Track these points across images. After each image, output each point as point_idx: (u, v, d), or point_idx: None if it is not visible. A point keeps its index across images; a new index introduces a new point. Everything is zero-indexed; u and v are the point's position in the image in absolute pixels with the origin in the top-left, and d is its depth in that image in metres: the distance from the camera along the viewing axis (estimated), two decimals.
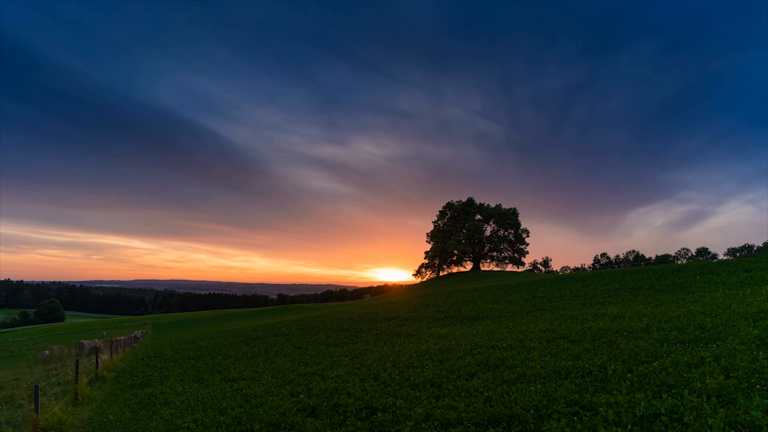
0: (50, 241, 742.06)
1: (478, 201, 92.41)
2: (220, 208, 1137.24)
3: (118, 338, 29.44)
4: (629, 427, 4.71)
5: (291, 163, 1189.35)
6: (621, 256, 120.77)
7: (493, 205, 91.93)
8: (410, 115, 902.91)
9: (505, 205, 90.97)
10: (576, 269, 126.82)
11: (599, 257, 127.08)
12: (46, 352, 30.38)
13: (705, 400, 5.02)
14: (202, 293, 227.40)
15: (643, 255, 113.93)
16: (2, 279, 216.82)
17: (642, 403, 5.17)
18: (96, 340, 46.92)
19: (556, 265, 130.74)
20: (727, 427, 4.27)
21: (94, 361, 16.77)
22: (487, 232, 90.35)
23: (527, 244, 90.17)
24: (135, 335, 35.67)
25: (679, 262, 61.48)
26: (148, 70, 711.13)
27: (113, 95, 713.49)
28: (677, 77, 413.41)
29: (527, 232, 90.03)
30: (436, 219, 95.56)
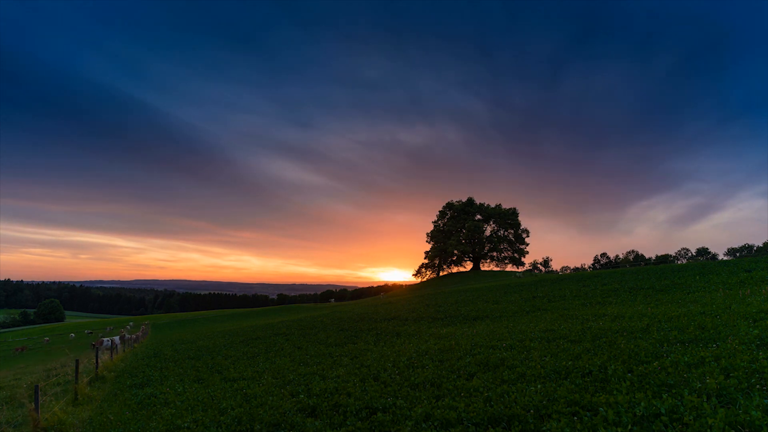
0: (29, 240, 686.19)
1: (476, 200, 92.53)
2: (191, 201, 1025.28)
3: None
4: (629, 427, 4.71)
5: (257, 151, 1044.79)
6: (621, 256, 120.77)
7: (492, 205, 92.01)
8: (377, 86, 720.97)
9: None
10: (576, 269, 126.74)
11: (599, 257, 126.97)
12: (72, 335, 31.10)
13: (705, 400, 5.03)
14: (202, 293, 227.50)
15: (643, 255, 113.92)
16: (2, 279, 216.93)
17: (642, 403, 5.18)
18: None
19: (555, 265, 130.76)
20: (727, 427, 4.27)
21: (94, 361, 16.77)
22: (487, 232, 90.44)
23: (527, 244, 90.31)
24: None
25: (679, 262, 61.51)
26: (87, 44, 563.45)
27: (54, 75, 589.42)
28: (686, 35, 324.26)
29: (527, 232, 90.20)
30: (436, 219, 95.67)
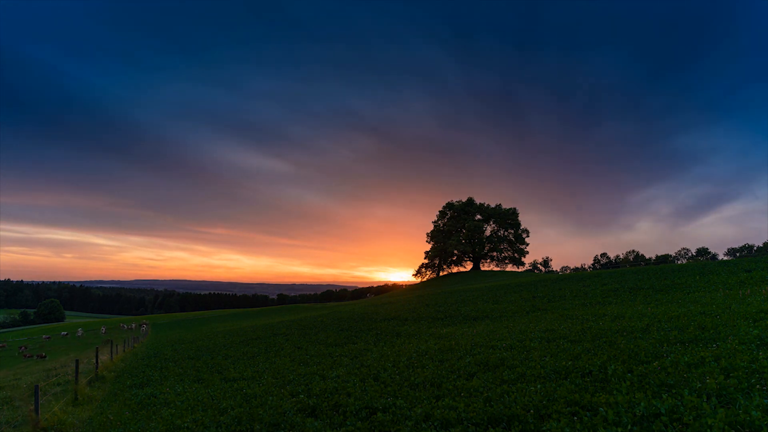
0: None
1: (475, 199, 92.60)
2: (146, 192, 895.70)
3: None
4: (629, 427, 4.71)
5: (192, 127, 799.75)
6: (621, 256, 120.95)
7: (493, 205, 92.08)
8: (310, 30, 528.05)
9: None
10: (576, 269, 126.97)
11: (599, 257, 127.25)
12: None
13: (705, 400, 5.03)
14: (202, 293, 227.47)
15: (643, 255, 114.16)
16: (2, 279, 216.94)
17: (642, 403, 5.17)
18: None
19: (555, 265, 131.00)
20: (727, 427, 4.27)
21: (94, 361, 16.77)
22: (487, 232, 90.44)
23: (527, 244, 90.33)
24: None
25: (679, 262, 61.58)
26: None
27: None
28: None
29: (527, 232, 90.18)
30: (436, 219, 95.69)
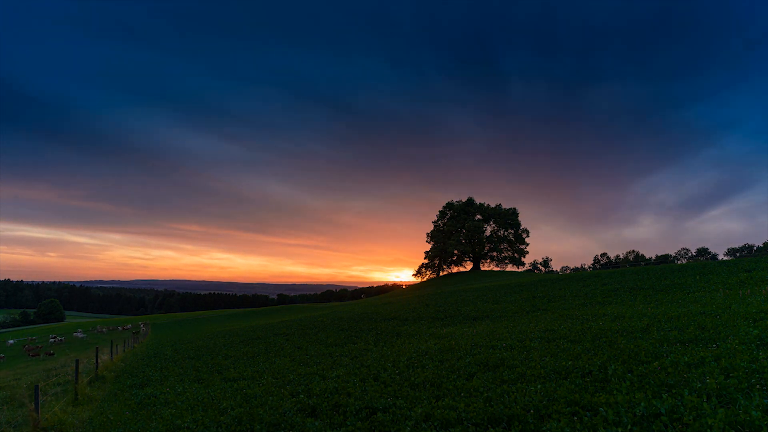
0: None
1: (475, 199, 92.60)
2: (99, 182, 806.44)
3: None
4: (629, 427, 4.71)
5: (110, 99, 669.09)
6: (621, 256, 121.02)
7: (493, 205, 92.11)
8: None
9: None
10: (576, 269, 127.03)
11: (599, 257, 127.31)
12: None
13: (705, 400, 5.03)
14: (202, 293, 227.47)
15: (643, 255, 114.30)
16: (2, 279, 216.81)
17: (642, 403, 5.18)
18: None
19: (555, 265, 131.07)
20: (727, 427, 4.27)
21: (94, 361, 16.77)
22: (487, 232, 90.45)
23: (527, 244, 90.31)
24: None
25: (679, 262, 61.60)
26: None
27: None
28: None
29: (527, 232, 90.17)
30: (436, 219, 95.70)
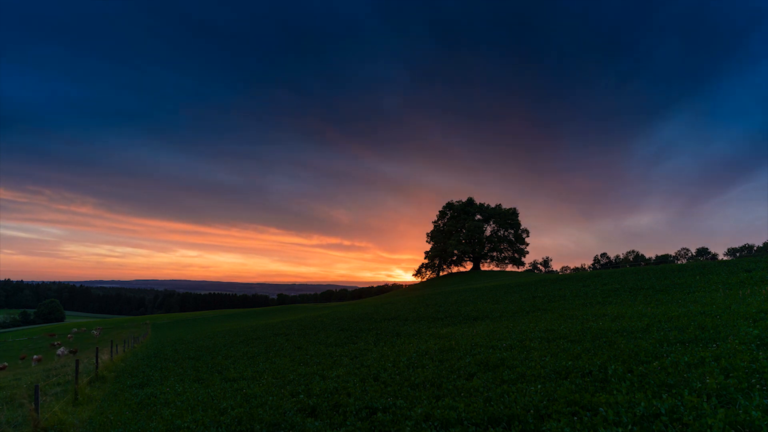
0: None
1: (475, 199, 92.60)
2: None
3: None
4: (629, 427, 4.71)
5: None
6: (621, 256, 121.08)
7: (492, 205, 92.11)
8: None
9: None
10: (576, 269, 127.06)
11: (599, 257, 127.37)
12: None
13: (705, 400, 5.03)
14: (202, 293, 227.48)
15: (643, 255, 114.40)
16: (2, 279, 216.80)
17: (642, 403, 5.18)
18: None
19: (555, 265, 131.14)
20: (727, 427, 4.27)
21: (95, 361, 16.77)
22: (487, 232, 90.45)
23: (527, 244, 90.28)
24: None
25: (679, 262, 61.57)
26: None
27: None
28: None
29: (527, 232, 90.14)
30: (436, 219, 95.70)
